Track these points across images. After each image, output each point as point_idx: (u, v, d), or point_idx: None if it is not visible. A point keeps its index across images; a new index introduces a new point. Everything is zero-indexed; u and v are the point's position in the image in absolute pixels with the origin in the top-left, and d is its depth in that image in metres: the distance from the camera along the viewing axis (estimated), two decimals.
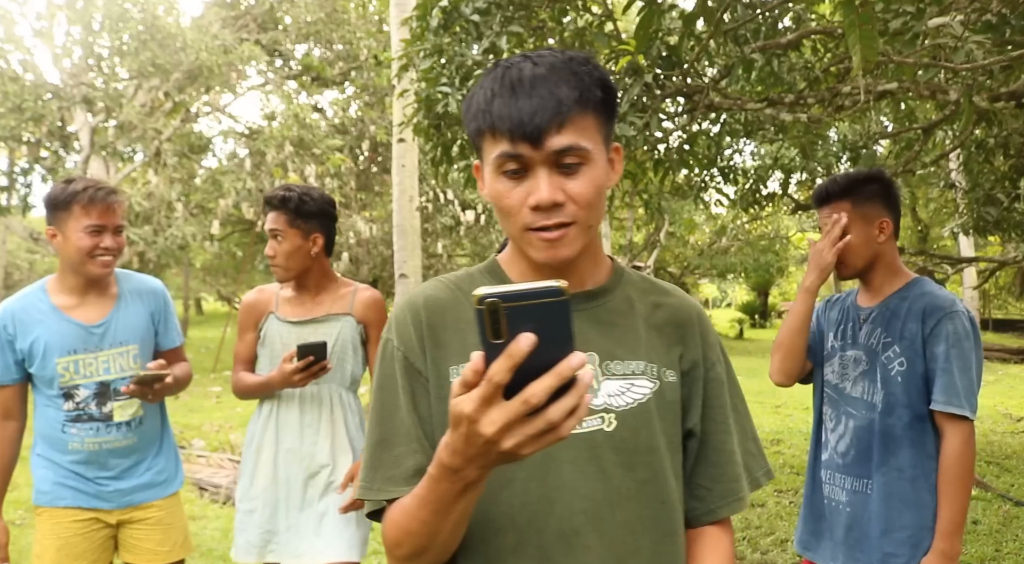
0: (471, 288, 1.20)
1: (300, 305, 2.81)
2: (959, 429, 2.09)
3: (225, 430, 8.66)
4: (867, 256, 2.28)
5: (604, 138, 1.11)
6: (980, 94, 3.73)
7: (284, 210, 2.73)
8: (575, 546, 1.09)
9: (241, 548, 2.77)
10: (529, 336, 0.77)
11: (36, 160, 15.26)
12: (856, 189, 2.27)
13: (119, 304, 2.62)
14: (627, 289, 1.23)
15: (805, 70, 4.96)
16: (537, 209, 1.06)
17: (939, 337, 2.12)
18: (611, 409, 1.13)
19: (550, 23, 4.40)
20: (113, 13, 14.69)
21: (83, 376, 2.52)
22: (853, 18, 2.11)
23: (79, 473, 2.54)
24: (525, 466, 1.06)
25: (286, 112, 16.82)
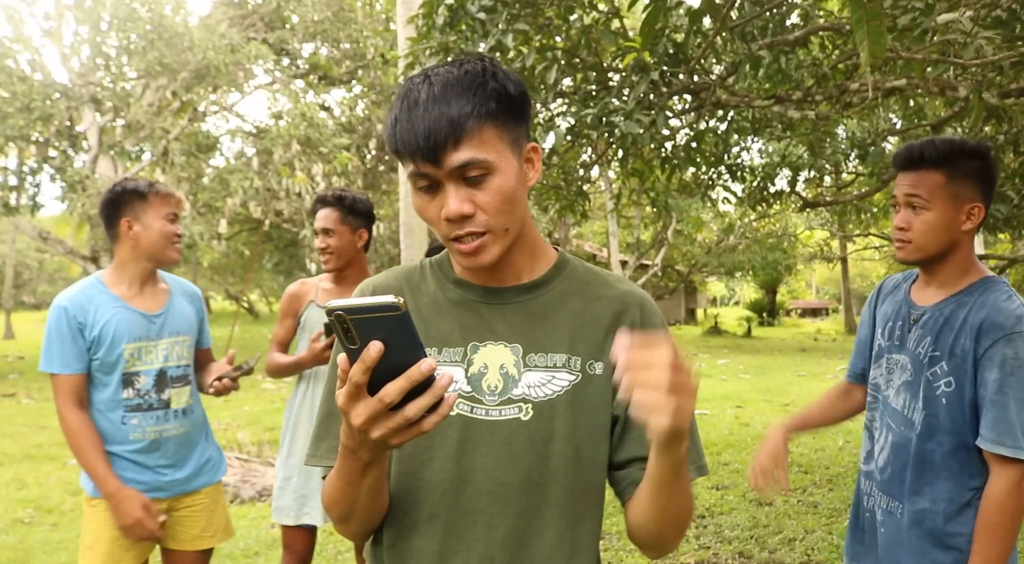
0: (420, 279, 1.31)
1: (339, 295, 3.19)
2: (1009, 472, 1.78)
3: (233, 429, 8.68)
4: (943, 243, 1.91)
5: (510, 144, 1.15)
6: (990, 90, 3.71)
7: (339, 207, 3.16)
8: (480, 524, 1.18)
9: (281, 512, 3.16)
10: (377, 344, 0.88)
11: (45, 160, 15.32)
12: (955, 161, 1.89)
13: (172, 298, 2.77)
14: (566, 283, 1.28)
15: (813, 67, 4.94)
16: (450, 221, 1.13)
17: (993, 361, 1.79)
18: (529, 399, 1.20)
19: (556, 21, 4.39)
20: (121, 13, 14.74)
21: (144, 363, 2.63)
22: (861, 14, 2.10)
23: (139, 462, 2.61)
24: (444, 447, 1.19)
25: (293, 111, 16.85)
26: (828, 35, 4.77)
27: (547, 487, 1.19)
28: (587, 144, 5.14)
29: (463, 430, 1.19)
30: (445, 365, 1.22)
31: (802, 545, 4.76)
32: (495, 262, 1.17)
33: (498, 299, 1.25)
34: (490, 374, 1.21)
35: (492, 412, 1.20)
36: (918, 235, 1.92)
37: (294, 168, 16.25)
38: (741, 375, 15.05)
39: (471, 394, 1.21)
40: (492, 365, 1.22)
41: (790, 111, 4.45)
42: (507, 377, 1.20)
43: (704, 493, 5.94)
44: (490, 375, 1.21)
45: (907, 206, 1.94)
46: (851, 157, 7.28)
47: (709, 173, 6.48)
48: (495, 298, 1.25)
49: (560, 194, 5.90)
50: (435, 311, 1.26)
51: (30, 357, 20.51)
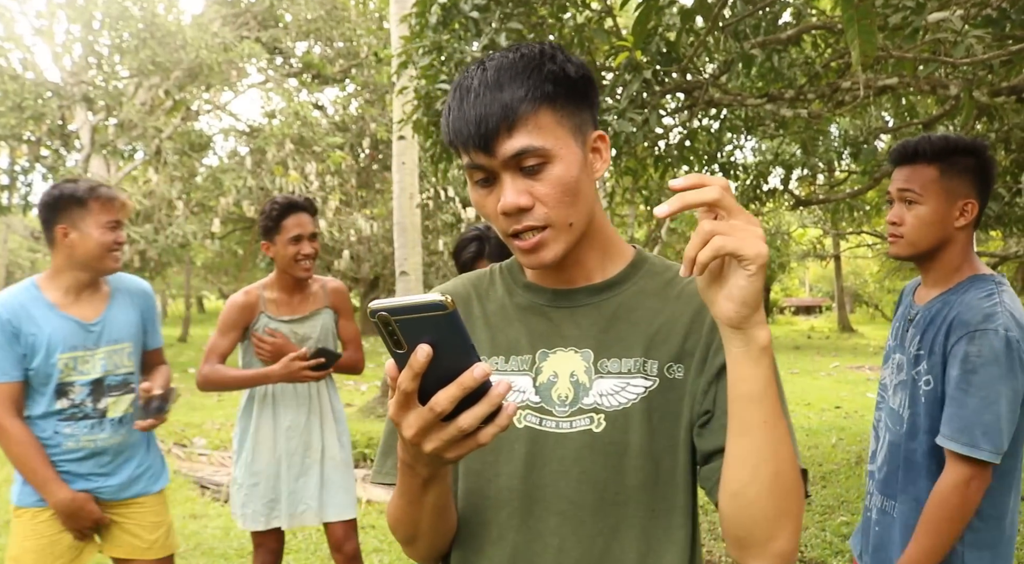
0: (489, 285, 1.23)
1: (287, 304, 3.17)
2: (958, 469, 1.76)
3: (227, 428, 8.66)
4: (934, 238, 1.90)
5: (571, 130, 1.06)
6: (980, 89, 3.73)
7: (312, 212, 3.13)
8: (550, 547, 1.08)
9: (249, 518, 3.14)
10: (425, 348, 0.81)
11: (37, 159, 15.27)
12: (949, 156, 1.89)
13: (112, 302, 2.66)
14: (643, 281, 1.16)
15: (805, 65, 4.96)
16: (507, 215, 1.05)
17: (956, 358, 1.78)
18: (601, 409, 1.09)
19: (549, 19, 4.39)
20: (113, 11, 14.69)
21: (80, 373, 2.54)
22: (852, 13, 2.10)
23: (71, 471, 2.55)
24: (511, 462, 1.10)
25: (287, 110, 16.82)
26: (820, 34, 4.78)
27: (624, 506, 1.07)
28: None
29: (531, 444, 1.10)
30: (512, 374, 1.13)
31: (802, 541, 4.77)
32: (558, 259, 1.07)
33: (568, 302, 1.15)
34: (560, 383, 1.11)
35: (562, 424, 1.09)
36: (910, 230, 1.92)
37: (287, 167, 16.22)
38: None
39: (540, 405, 1.11)
40: (562, 373, 1.12)
41: (783, 109, 4.47)
42: (578, 385, 1.10)
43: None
44: (560, 384, 1.11)
45: (901, 201, 1.94)
46: (844, 155, 7.30)
47: (702, 171, 6.49)
48: (564, 301, 1.15)
49: None
50: (502, 318, 1.18)
51: None
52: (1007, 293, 1.86)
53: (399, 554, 4.73)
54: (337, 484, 3.19)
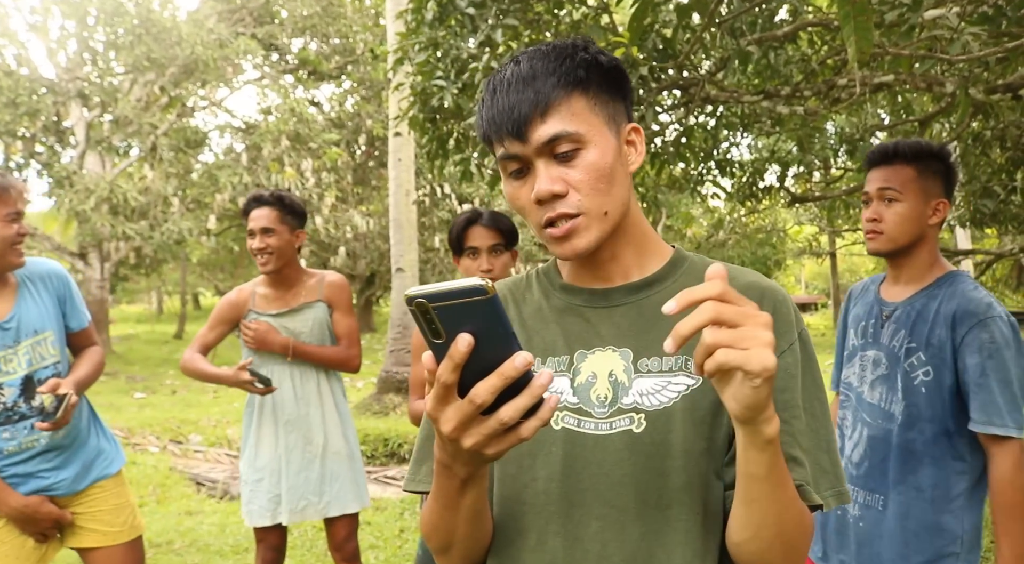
0: (525, 290, 1.20)
1: (277, 299, 3.16)
2: (1008, 450, 1.84)
3: (222, 425, 8.66)
4: (913, 233, 2.01)
5: (606, 119, 1.06)
6: (976, 86, 3.73)
7: (278, 207, 3.09)
8: (591, 553, 1.04)
9: (256, 514, 3.12)
10: (466, 337, 0.78)
11: (31, 155, 15.23)
12: (925, 159, 2.01)
13: (23, 293, 2.47)
14: (684, 279, 1.13)
15: (802, 62, 4.95)
16: (540, 203, 1.04)
17: (972, 347, 1.87)
18: (641, 409, 1.05)
19: (546, 16, 4.39)
20: (108, 7, 14.66)
21: (5, 374, 2.39)
22: (848, 10, 2.10)
23: (18, 473, 2.43)
24: (548, 465, 1.06)
25: (282, 106, 16.80)
26: (817, 31, 4.78)
27: (668, 509, 1.03)
28: None
29: (569, 446, 1.06)
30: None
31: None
32: (592, 248, 1.05)
33: (605, 301, 1.12)
34: (599, 383, 1.08)
35: (602, 426, 1.06)
36: (890, 226, 2.01)
37: (283, 164, 16.21)
38: None
39: (578, 406, 1.08)
40: (601, 373, 1.08)
41: (779, 106, 4.46)
42: (617, 385, 1.07)
43: None
44: (599, 384, 1.08)
45: (879, 199, 2.03)
46: (840, 152, 7.30)
47: (698, 168, 6.49)
48: (602, 301, 1.12)
49: None
50: (539, 320, 1.15)
51: None
52: (981, 286, 2.02)
53: (395, 551, 4.73)
54: (342, 477, 3.17)
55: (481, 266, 2.65)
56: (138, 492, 5.95)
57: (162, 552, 4.77)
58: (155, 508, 5.77)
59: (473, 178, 4.83)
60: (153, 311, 42.54)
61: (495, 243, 2.68)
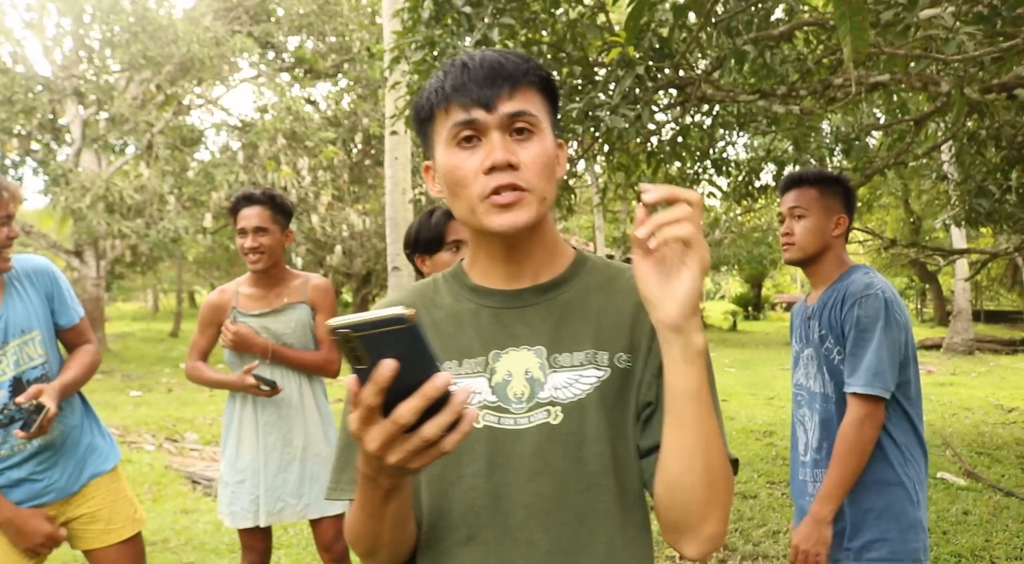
0: (433, 294, 1.25)
1: (260, 298, 3.14)
2: (856, 406, 2.18)
3: (218, 424, 8.64)
4: (819, 244, 2.37)
5: (552, 123, 1.15)
6: (971, 86, 3.74)
7: (270, 205, 3.07)
8: (520, 541, 1.10)
9: (238, 516, 3.09)
10: (390, 363, 0.81)
11: (27, 153, 15.21)
12: (825, 183, 2.40)
13: (8, 292, 2.40)
14: (588, 278, 1.21)
15: (798, 62, 4.96)
16: (492, 170, 1.08)
17: (850, 322, 2.22)
18: (557, 402, 1.12)
19: (542, 15, 4.39)
20: (104, 5, 14.63)
21: None
22: (844, 10, 2.11)
23: (12, 478, 2.39)
24: (473, 463, 1.12)
25: (279, 105, 16.78)
26: (812, 30, 4.79)
27: (588, 492, 1.11)
28: (573, 138, 5.14)
29: (491, 443, 1.12)
30: (467, 377, 1.16)
31: (786, 538, 4.79)
32: (528, 226, 1.10)
33: (517, 302, 1.19)
34: (515, 381, 1.15)
35: (520, 420, 1.13)
36: (800, 238, 2.38)
37: (280, 162, 16.19)
38: (726, 369, 15.12)
39: (497, 404, 1.14)
40: (516, 371, 1.15)
41: (775, 106, 4.47)
42: (533, 381, 1.14)
43: None
44: (515, 382, 1.15)
45: (791, 217, 2.40)
46: (835, 151, 7.31)
47: (695, 167, 6.50)
48: (513, 302, 1.19)
49: None
50: (453, 324, 1.20)
51: None
52: (879, 275, 2.36)
53: None
54: (323, 479, 3.12)
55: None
56: (134, 490, 5.94)
57: (158, 550, 4.76)
58: (151, 506, 5.77)
59: None
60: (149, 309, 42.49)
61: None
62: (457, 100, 1.09)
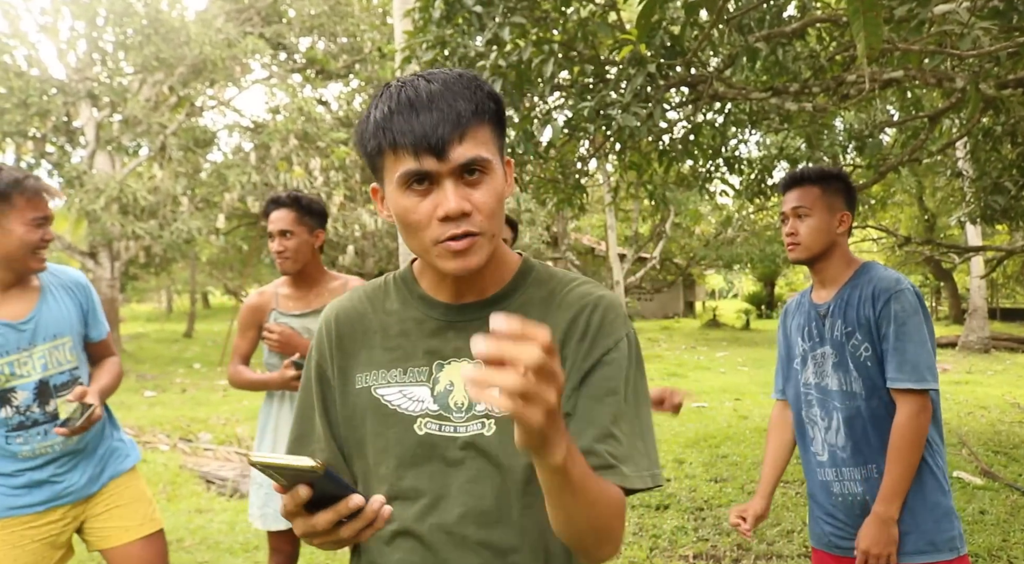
0: (384, 299, 1.30)
1: (300, 299, 3.15)
2: (910, 401, 2.16)
3: (232, 423, 8.69)
4: (824, 242, 2.36)
5: (499, 150, 1.16)
6: (987, 81, 3.71)
7: (295, 208, 3.09)
8: (459, 543, 1.18)
9: (271, 517, 3.08)
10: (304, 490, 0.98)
11: (42, 155, 15.30)
12: (826, 180, 2.38)
13: (44, 297, 2.44)
14: (530, 292, 1.26)
15: (810, 59, 4.94)
16: (446, 220, 1.09)
17: (887, 318, 2.20)
18: (491, 415, 1.19)
19: (553, 14, 4.39)
20: (117, 8, 14.70)
21: (19, 377, 2.34)
22: (857, 5, 2.10)
23: (33, 479, 2.39)
24: (416, 475, 1.20)
25: (291, 105, 16.83)
26: (825, 27, 4.77)
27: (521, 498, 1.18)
28: (584, 137, 5.14)
29: (432, 449, 1.20)
30: (412, 385, 1.22)
31: (800, 537, 4.77)
32: (481, 266, 1.13)
33: (461, 316, 1.23)
34: (455, 391, 1.20)
35: (460, 429, 1.19)
36: (805, 237, 2.36)
37: (292, 163, 16.24)
38: (739, 368, 15.07)
39: (439, 412, 1.20)
40: (457, 382, 1.20)
41: (787, 103, 4.45)
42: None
43: (703, 485, 5.96)
44: (455, 392, 1.20)
45: (794, 216, 2.38)
46: (849, 149, 7.27)
47: (707, 166, 6.48)
48: (458, 316, 1.23)
49: (558, 187, 5.89)
50: (399, 332, 1.25)
51: None
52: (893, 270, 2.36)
53: None
54: None
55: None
56: (150, 490, 5.98)
57: (172, 550, 4.78)
58: (165, 506, 5.79)
59: None
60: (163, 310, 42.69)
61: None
62: (405, 144, 1.08)
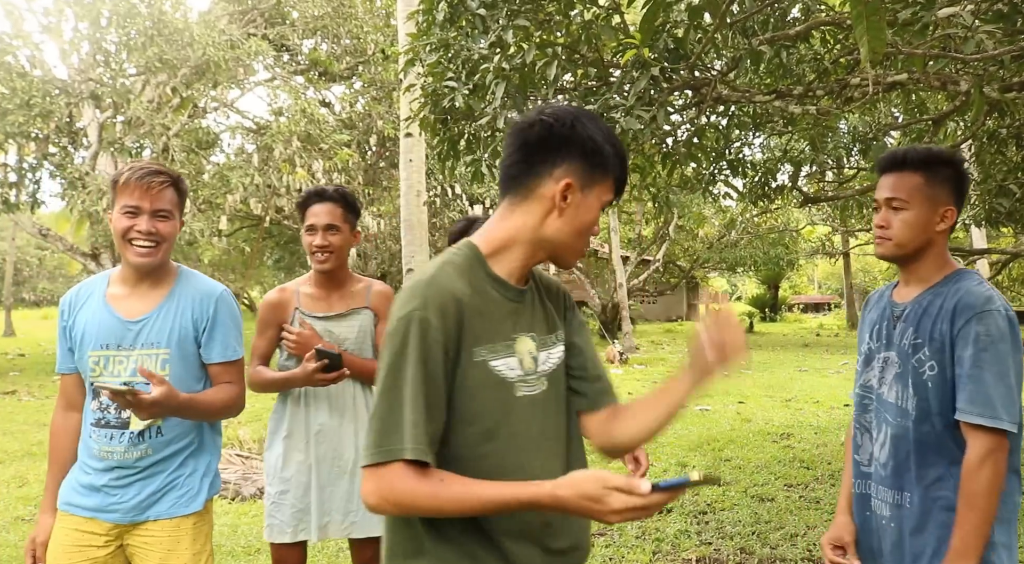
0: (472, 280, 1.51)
1: (323, 300, 2.99)
2: (981, 439, 1.88)
3: (234, 425, 8.66)
4: (920, 240, 2.06)
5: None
6: (991, 84, 3.69)
7: (342, 203, 2.95)
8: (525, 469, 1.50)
9: (276, 529, 2.91)
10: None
11: (45, 156, 15.30)
12: (932, 167, 2.05)
13: (166, 302, 2.38)
14: (535, 281, 1.66)
15: (814, 62, 4.93)
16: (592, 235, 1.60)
17: (967, 339, 1.91)
18: (543, 374, 1.58)
19: (557, 16, 4.38)
20: (120, 8, 14.72)
21: (111, 374, 2.31)
22: (861, 9, 2.09)
23: (93, 483, 2.33)
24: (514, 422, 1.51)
25: (293, 107, 16.83)
26: (829, 30, 4.75)
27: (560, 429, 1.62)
28: None
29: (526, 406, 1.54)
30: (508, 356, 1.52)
31: (804, 541, 4.75)
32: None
33: (520, 298, 1.58)
34: (526, 359, 1.55)
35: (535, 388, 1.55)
36: (897, 232, 2.06)
37: (295, 164, 16.23)
38: (743, 371, 15.04)
39: (524, 377, 1.54)
40: (527, 351, 1.56)
41: (791, 106, 4.44)
42: (535, 359, 1.56)
43: (706, 489, 5.94)
44: (526, 360, 1.55)
45: (888, 207, 2.08)
46: (853, 152, 7.26)
47: (710, 169, 6.47)
48: (518, 297, 1.58)
49: None
50: (493, 311, 1.52)
51: (30, 354, 20.52)
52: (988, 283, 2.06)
53: None
54: None
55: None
56: None
57: None
58: None
59: (484, 179, 4.82)
60: None
61: None
62: (620, 183, 1.62)
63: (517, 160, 1.53)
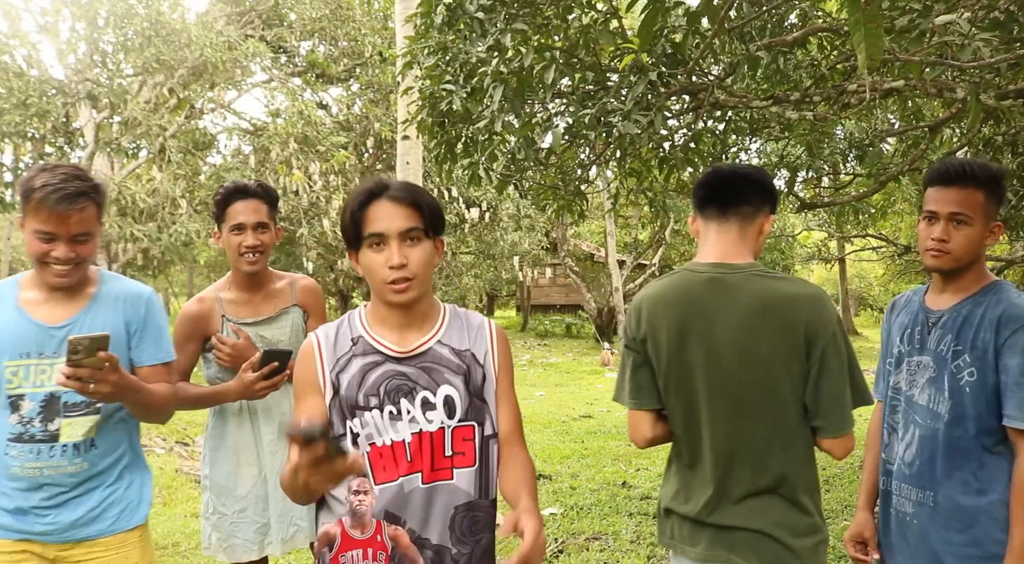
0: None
1: (248, 304, 2.79)
2: None
3: None
4: (975, 254, 2.12)
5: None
6: (987, 92, 3.70)
7: (267, 199, 2.77)
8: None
9: (240, 548, 2.76)
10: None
11: (41, 156, 15.26)
12: (994, 184, 2.09)
13: (91, 306, 2.23)
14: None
15: (811, 68, 4.94)
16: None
17: (1014, 349, 1.99)
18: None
19: (555, 20, 4.38)
20: (118, 9, 14.70)
21: (32, 384, 2.14)
22: (859, 16, 2.09)
23: (20, 506, 2.16)
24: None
25: (291, 109, 16.82)
26: (826, 36, 4.77)
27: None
28: (585, 144, 5.13)
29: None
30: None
31: None
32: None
33: None
34: None
35: None
36: (958, 248, 2.10)
37: (291, 166, 16.22)
38: None
39: None
40: None
41: (788, 112, 4.45)
42: None
43: None
44: None
45: (950, 221, 2.10)
46: (849, 158, 7.26)
47: None
48: None
49: (558, 194, 5.89)
50: None
51: None
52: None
53: None
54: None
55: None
56: None
57: (168, 554, 4.76)
58: (161, 510, 5.77)
59: (481, 182, 4.82)
60: None
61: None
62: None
63: None
